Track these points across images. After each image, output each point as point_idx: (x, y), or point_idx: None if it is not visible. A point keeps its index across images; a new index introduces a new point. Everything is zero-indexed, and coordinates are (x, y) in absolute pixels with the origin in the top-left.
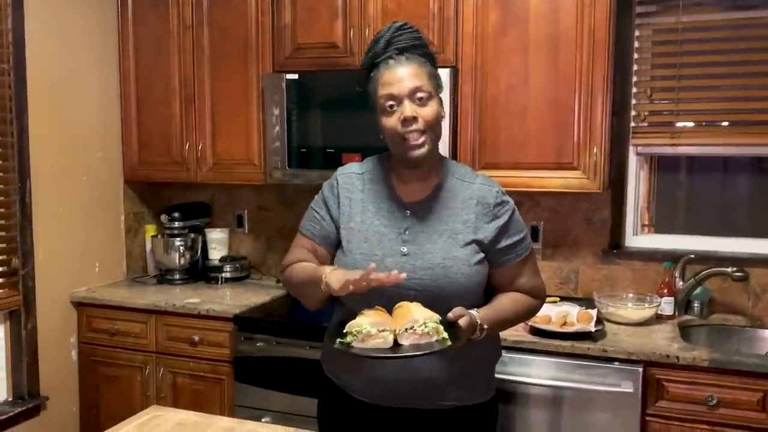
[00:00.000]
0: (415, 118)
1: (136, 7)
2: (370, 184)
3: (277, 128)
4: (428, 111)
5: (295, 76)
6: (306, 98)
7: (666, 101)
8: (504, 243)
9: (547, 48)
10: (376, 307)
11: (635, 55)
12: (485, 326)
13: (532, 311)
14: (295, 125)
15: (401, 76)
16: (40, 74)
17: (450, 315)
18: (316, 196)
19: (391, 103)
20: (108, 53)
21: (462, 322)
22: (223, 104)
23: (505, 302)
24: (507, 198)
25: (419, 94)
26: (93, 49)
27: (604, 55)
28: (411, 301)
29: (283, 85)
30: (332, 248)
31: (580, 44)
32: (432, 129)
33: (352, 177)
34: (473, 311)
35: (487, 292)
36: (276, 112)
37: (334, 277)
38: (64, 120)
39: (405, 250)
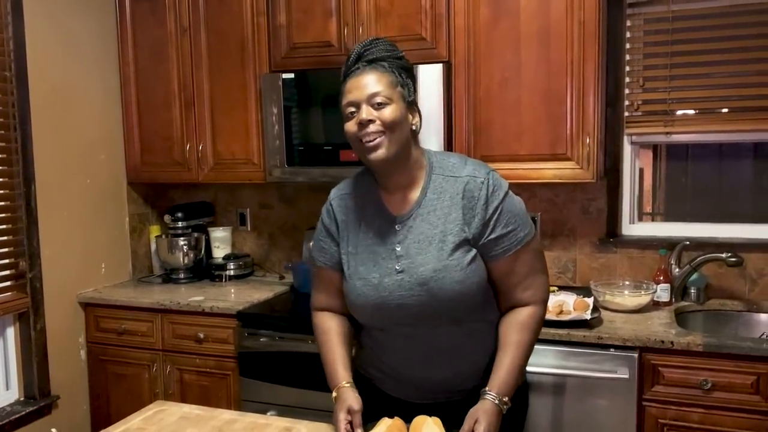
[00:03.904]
0: (371, 121)
1: (134, 13)
2: (361, 201)
3: (276, 127)
4: (386, 113)
5: (291, 76)
6: (303, 97)
7: (659, 90)
8: (489, 237)
9: (538, 41)
10: (396, 417)
11: (627, 45)
12: (505, 399)
13: (539, 323)
14: (293, 124)
15: (361, 83)
16: (42, 81)
17: None
18: (318, 224)
19: (352, 109)
20: (108, 58)
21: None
22: (222, 105)
23: (509, 345)
24: (496, 187)
25: (377, 99)
26: (93, 54)
27: (594, 47)
28: (416, 315)
29: (280, 84)
30: None
31: (570, 36)
32: (391, 130)
33: (345, 198)
34: (487, 395)
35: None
36: (274, 111)
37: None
38: (66, 125)
39: (399, 267)
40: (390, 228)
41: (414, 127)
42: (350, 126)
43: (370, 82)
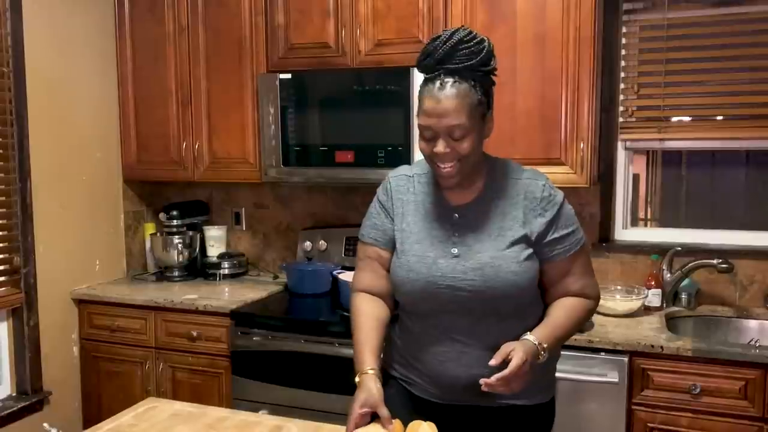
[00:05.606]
0: (447, 154)
1: (133, 10)
2: (420, 186)
3: (272, 127)
4: (464, 146)
5: (288, 76)
6: (299, 97)
7: (653, 96)
8: (552, 236)
9: (534, 46)
10: (396, 419)
11: (622, 52)
12: (544, 344)
13: (588, 313)
14: (289, 124)
15: (440, 109)
16: (39, 77)
17: (493, 360)
18: (372, 203)
19: (428, 133)
20: (106, 56)
21: (515, 359)
22: (219, 104)
23: (559, 313)
24: (555, 191)
25: (456, 133)
26: (91, 52)
27: (589, 53)
28: (465, 302)
29: (277, 84)
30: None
31: (566, 43)
32: (466, 159)
33: (403, 179)
34: (527, 336)
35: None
36: (270, 111)
37: (355, 399)
38: (63, 121)
39: (456, 251)
40: (448, 215)
41: (486, 136)
42: (426, 148)
43: (450, 111)
